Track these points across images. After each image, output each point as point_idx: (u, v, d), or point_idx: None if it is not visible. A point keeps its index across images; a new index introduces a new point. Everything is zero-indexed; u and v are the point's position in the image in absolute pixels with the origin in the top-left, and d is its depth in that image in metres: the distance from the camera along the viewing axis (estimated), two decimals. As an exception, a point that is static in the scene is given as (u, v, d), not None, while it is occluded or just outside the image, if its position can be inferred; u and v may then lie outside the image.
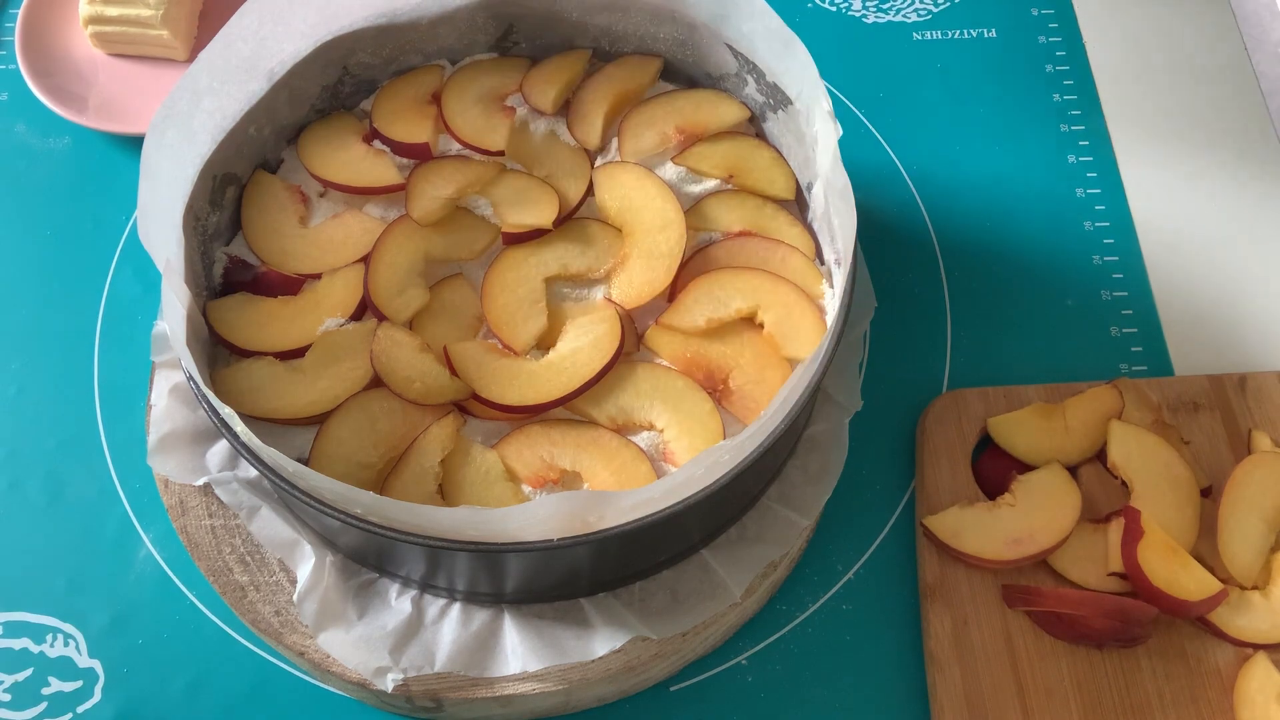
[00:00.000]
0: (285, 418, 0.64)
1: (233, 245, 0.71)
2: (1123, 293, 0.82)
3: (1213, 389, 0.76)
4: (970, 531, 0.69)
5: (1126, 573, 0.67)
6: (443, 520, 0.54)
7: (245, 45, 0.67)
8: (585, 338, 0.65)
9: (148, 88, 0.88)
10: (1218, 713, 0.66)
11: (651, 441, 0.64)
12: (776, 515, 0.67)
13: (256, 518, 0.66)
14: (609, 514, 0.55)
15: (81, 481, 0.75)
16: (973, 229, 0.85)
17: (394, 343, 0.65)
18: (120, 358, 0.79)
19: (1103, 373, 0.79)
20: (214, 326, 0.67)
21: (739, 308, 0.67)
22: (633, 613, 0.64)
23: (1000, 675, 0.67)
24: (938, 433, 0.74)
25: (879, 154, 0.88)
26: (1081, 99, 0.91)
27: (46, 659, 0.70)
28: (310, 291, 0.69)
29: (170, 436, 0.67)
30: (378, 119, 0.74)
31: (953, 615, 0.68)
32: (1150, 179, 0.88)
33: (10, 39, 0.92)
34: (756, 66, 0.71)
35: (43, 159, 0.87)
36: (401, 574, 0.64)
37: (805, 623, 0.71)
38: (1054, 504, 0.70)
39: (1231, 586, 0.68)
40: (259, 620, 0.65)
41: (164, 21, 0.86)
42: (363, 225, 0.70)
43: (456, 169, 0.71)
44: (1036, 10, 0.96)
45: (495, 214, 0.71)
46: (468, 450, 0.63)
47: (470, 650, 0.63)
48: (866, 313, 0.74)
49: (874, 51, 0.94)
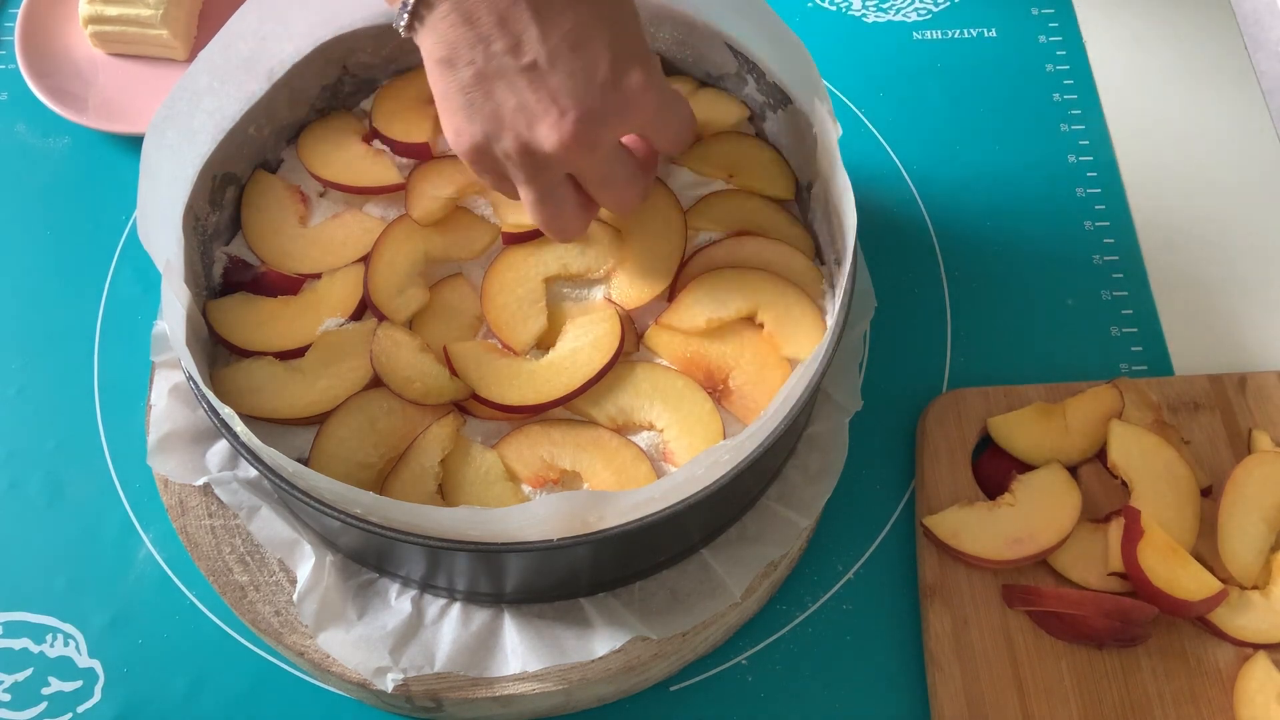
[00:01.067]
0: (285, 418, 0.64)
1: (233, 245, 0.71)
2: (1123, 293, 0.82)
3: (1213, 389, 0.76)
4: (970, 531, 0.69)
5: (1126, 573, 0.67)
6: (443, 520, 0.54)
7: (245, 45, 0.67)
8: (585, 338, 0.65)
9: (148, 88, 0.88)
10: (1218, 713, 0.66)
11: (651, 441, 0.64)
12: (776, 515, 0.67)
13: (256, 518, 0.66)
14: (609, 514, 0.55)
15: (81, 481, 0.75)
16: (973, 229, 0.85)
17: (394, 343, 0.65)
18: (120, 358, 0.79)
19: (1103, 373, 0.79)
20: (214, 326, 0.67)
21: (739, 308, 0.67)
22: (633, 613, 0.64)
23: (1000, 675, 0.67)
24: (938, 433, 0.74)
25: (879, 154, 0.88)
26: (1081, 99, 0.91)
27: (46, 659, 0.70)
28: (310, 291, 0.69)
29: (170, 436, 0.67)
30: (378, 119, 0.74)
31: (953, 615, 0.68)
32: (1150, 179, 0.88)
33: (10, 39, 0.92)
34: (756, 66, 0.71)
35: (43, 159, 0.87)
36: (401, 574, 0.64)
37: (805, 623, 0.71)
38: (1054, 504, 0.70)
39: (1231, 586, 0.68)
40: (259, 620, 0.65)
41: (164, 21, 0.86)
42: (363, 225, 0.70)
43: (456, 169, 0.71)
44: (1036, 10, 0.96)
45: (495, 214, 0.71)
46: (468, 450, 0.63)
47: (470, 650, 0.63)
48: (866, 313, 0.74)
49: (874, 51, 0.94)
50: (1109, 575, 0.68)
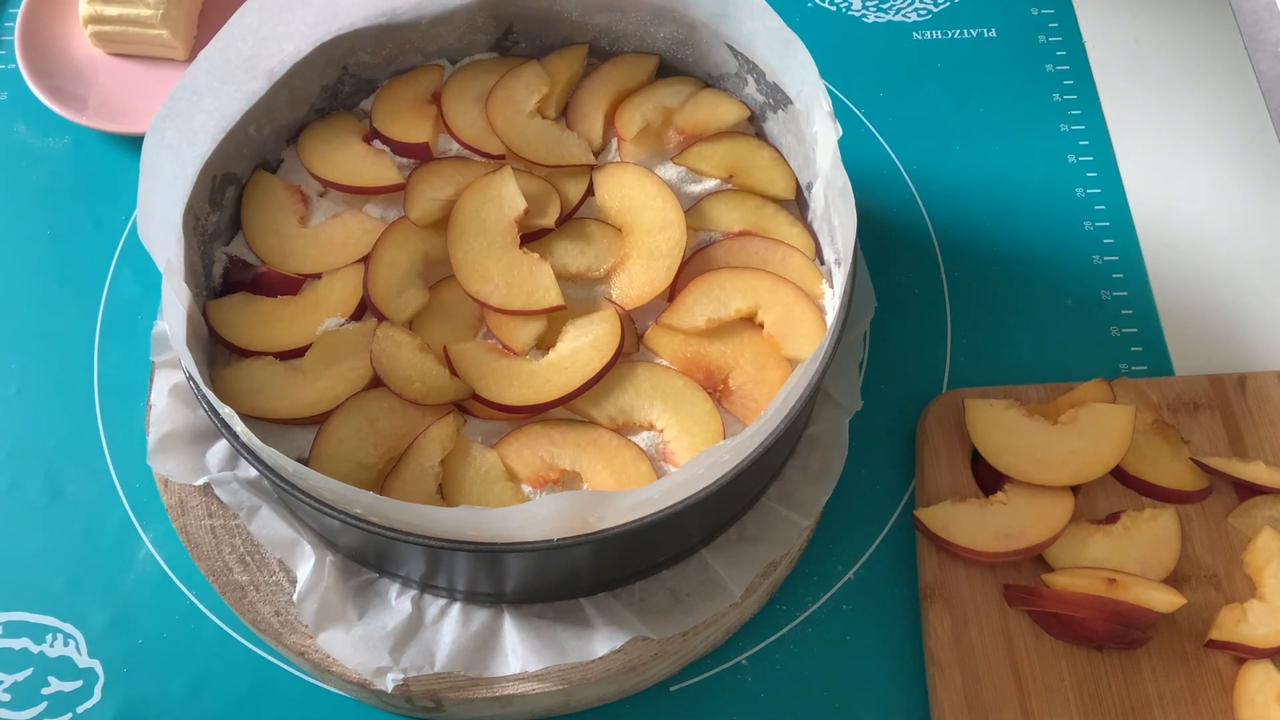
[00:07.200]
0: (285, 418, 0.64)
1: (233, 245, 0.71)
2: (1123, 293, 0.82)
3: (1213, 389, 0.76)
4: (960, 524, 0.69)
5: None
6: (442, 520, 0.54)
7: (245, 45, 0.67)
8: (585, 338, 0.65)
9: (148, 88, 0.88)
10: (1218, 713, 0.66)
11: (651, 441, 0.64)
12: (776, 515, 0.67)
13: (256, 518, 0.66)
14: (609, 514, 0.55)
15: (81, 481, 0.75)
16: (973, 229, 0.85)
17: (394, 343, 0.65)
18: (120, 358, 0.79)
19: (1103, 373, 0.79)
20: (214, 326, 0.67)
21: (739, 308, 0.67)
22: (633, 613, 0.64)
23: (1000, 675, 0.67)
24: (938, 433, 0.74)
25: (879, 154, 0.88)
26: (1081, 99, 0.91)
27: (46, 659, 0.70)
28: (310, 291, 0.69)
29: (170, 436, 0.67)
30: (378, 119, 0.74)
31: (953, 615, 0.68)
32: (1150, 179, 0.88)
33: (10, 39, 0.92)
34: (756, 66, 0.71)
35: (43, 159, 0.87)
36: (401, 574, 0.64)
37: (805, 623, 0.71)
38: (1045, 503, 0.69)
39: (1233, 603, 0.68)
40: (259, 620, 0.65)
41: (164, 21, 0.86)
42: (363, 225, 0.70)
43: (456, 170, 0.71)
44: (1036, 10, 0.96)
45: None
46: (468, 450, 0.63)
47: (470, 650, 0.63)
48: (866, 313, 0.74)
49: (874, 51, 0.94)
50: (1106, 580, 0.68)
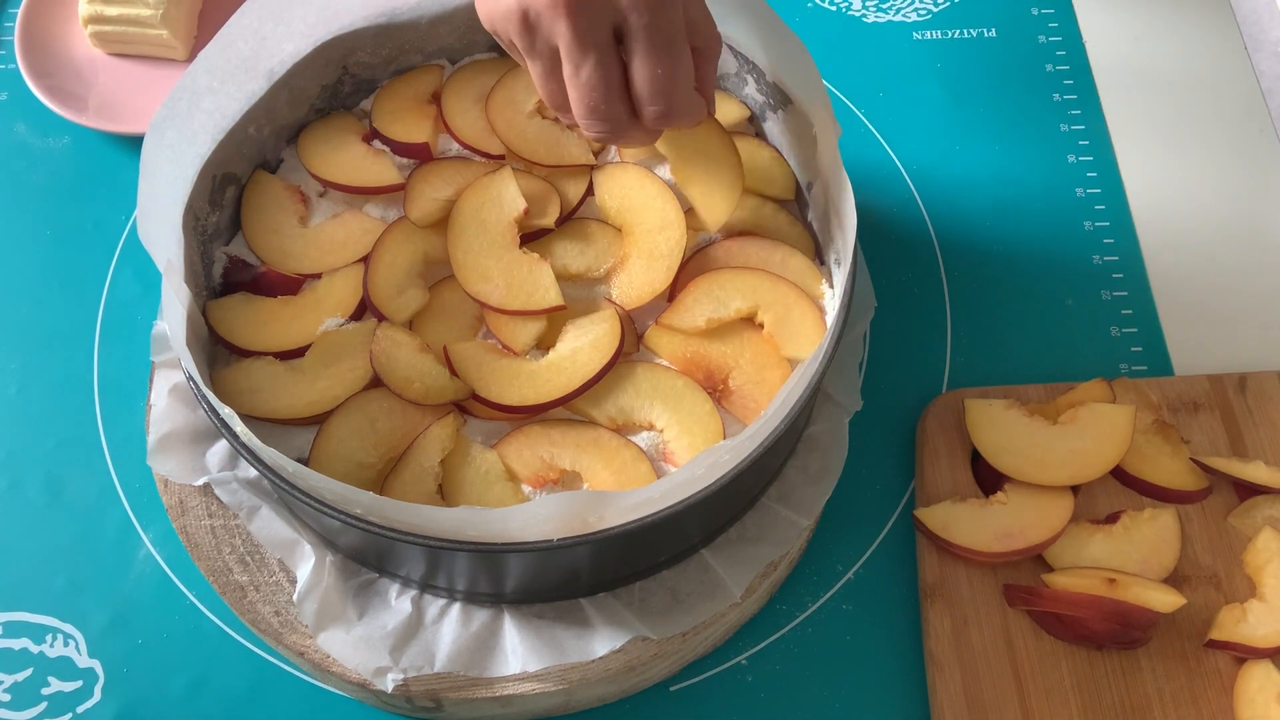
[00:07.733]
0: (285, 418, 0.64)
1: (232, 245, 0.71)
2: (1123, 293, 0.82)
3: (1213, 389, 0.76)
4: (960, 524, 0.69)
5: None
6: (442, 520, 0.54)
7: (245, 45, 0.67)
8: (585, 338, 0.65)
9: (148, 88, 0.88)
10: (1218, 713, 0.66)
11: (651, 441, 0.64)
12: (776, 515, 0.67)
13: (256, 518, 0.66)
14: (609, 514, 0.55)
15: (81, 481, 0.75)
16: (973, 229, 0.85)
17: (394, 343, 0.65)
18: (120, 358, 0.79)
19: (1103, 372, 0.79)
20: (214, 326, 0.67)
21: (739, 308, 0.67)
22: (633, 613, 0.64)
23: (1000, 675, 0.67)
24: (938, 433, 0.74)
25: (879, 154, 0.88)
26: (1081, 99, 0.91)
27: (46, 659, 0.70)
28: (310, 291, 0.69)
29: (170, 436, 0.67)
30: (377, 119, 0.74)
31: (953, 615, 0.68)
32: (1150, 179, 0.88)
33: (10, 39, 0.92)
34: (756, 66, 0.71)
35: (43, 159, 0.87)
36: (401, 574, 0.64)
37: (805, 623, 0.71)
38: (1045, 503, 0.69)
39: (1233, 603, 0.68)
40: (259, 620, 0.65)
41: (164, 21, 0.86)
42: (363, 225, 0.70)
43: (456, 170, 0.71)
44: (1036, 10, 0.96)
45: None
46: (468, 450, 0.63)
47: (470, 650, 0.63)
48: (866, 313, 0.74)
49: (874, 51, 0.94)
50: (1106, 580, 0.68)
